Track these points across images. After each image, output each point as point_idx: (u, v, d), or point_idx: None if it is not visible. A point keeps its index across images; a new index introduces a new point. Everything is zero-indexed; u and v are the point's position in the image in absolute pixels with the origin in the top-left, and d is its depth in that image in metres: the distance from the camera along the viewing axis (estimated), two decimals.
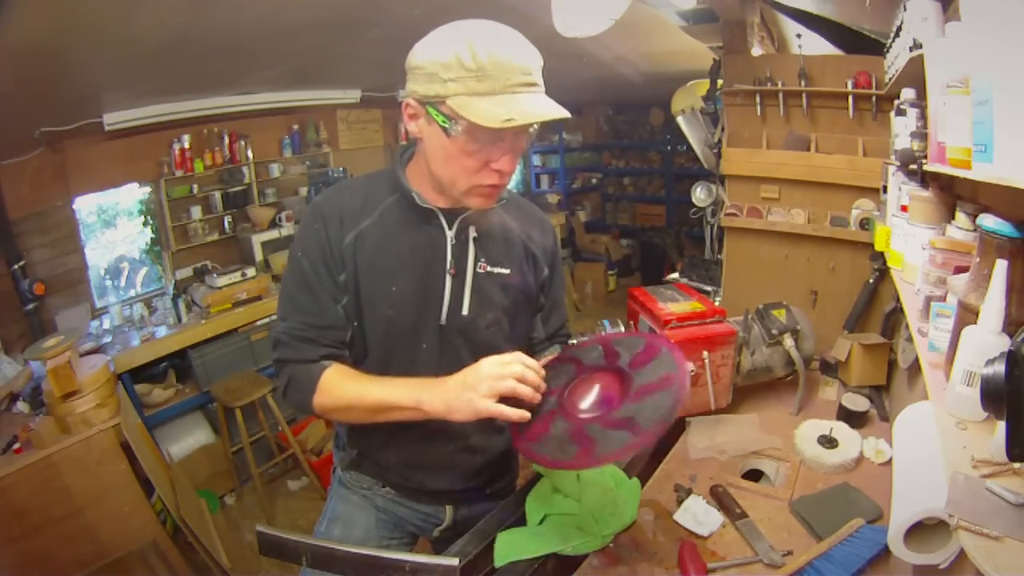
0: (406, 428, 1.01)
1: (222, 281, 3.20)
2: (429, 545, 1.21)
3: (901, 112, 1.25)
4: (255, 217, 3.66)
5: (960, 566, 0.71)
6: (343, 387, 0.91)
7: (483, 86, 0.79)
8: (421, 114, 0.86)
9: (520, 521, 1.03)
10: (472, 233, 0.97)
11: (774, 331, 1.47)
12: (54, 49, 1.86)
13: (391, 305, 0.94)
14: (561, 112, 0.82)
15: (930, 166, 0.95)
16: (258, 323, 3.24)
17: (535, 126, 0.85)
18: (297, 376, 0.93)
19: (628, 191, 6.67)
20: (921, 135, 1.10)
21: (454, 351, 0.97)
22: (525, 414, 0.81)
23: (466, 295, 0.96)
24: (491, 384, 0.80)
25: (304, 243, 0.94)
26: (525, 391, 0.81)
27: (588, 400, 0.86)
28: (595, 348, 0.87)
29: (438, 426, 1.01)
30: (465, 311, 0.96)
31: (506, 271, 1.00)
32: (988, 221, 0.71)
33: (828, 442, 1.27)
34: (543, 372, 0.85)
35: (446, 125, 0.82)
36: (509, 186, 1.05)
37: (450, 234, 0.95)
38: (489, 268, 0.98)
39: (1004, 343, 0.63)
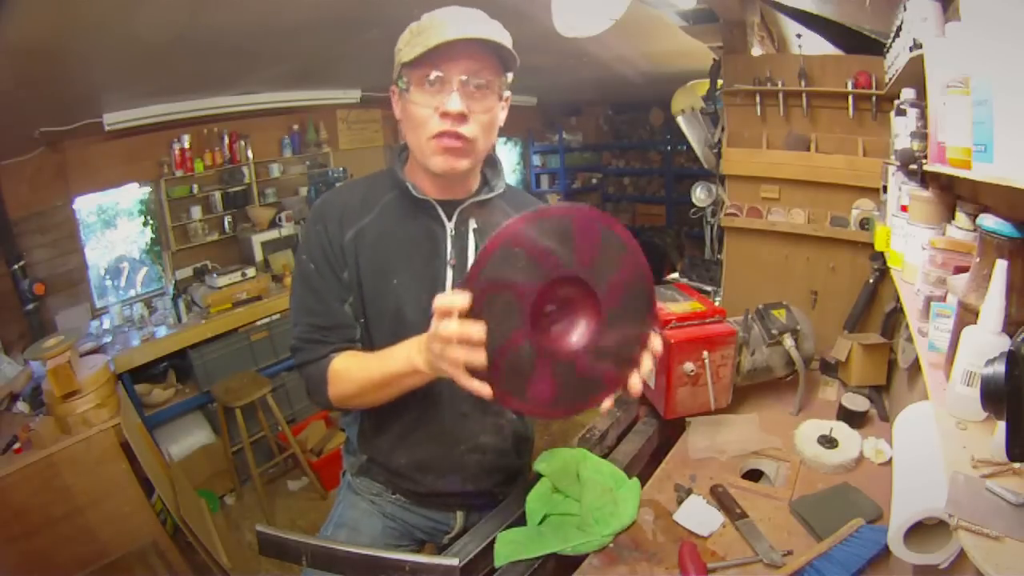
0: (415, 429, 1.02)
1: (222, 281, 3.20)
2: (435, 549, 1.21)
3: (901, 112, 1.25)
4: (255, 217, 3.66)
5: (960, 566, 0.71)
6: (350, 373, 0.91)
7: (418, 39, 0.83)
8: (396, 92, 0.91)
9: (520, 521, 1.03)
10: (472, 225, 0.96)
11: (774, 331, 1.47)
12: (54, 49, 1.86)
13: (394, 298, 0.95)
14: (488, 34, 0.81)
15: (930, 166, 0.94)
16: (258, 323, 3.24)
17: (490, 79, 0.86)
18: (310, 375, 0.95)
19: (628, 191, 6.66)
20: (921, 135, 1.10)
21: None
22: (485, 390, 0.68)
23: None
24: (438, 357, 0.70)
25: (307, 245, 0.96)
26: (471, 360, 0.66)
27: (572, 330, 0.73)
28: (516, 253, 0.66)
29: (447, 427, 1.01)
30: None
31: None
32: (988, 221, 0.71)
33: (828, 442, 1.27)
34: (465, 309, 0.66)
35: (402, 86, 0.87)
36: (512, 183, 1.05)
37: (449, 226, 0.95)
38: None
39: (1004, 343, 0.63)
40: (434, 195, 0.95)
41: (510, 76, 0.91)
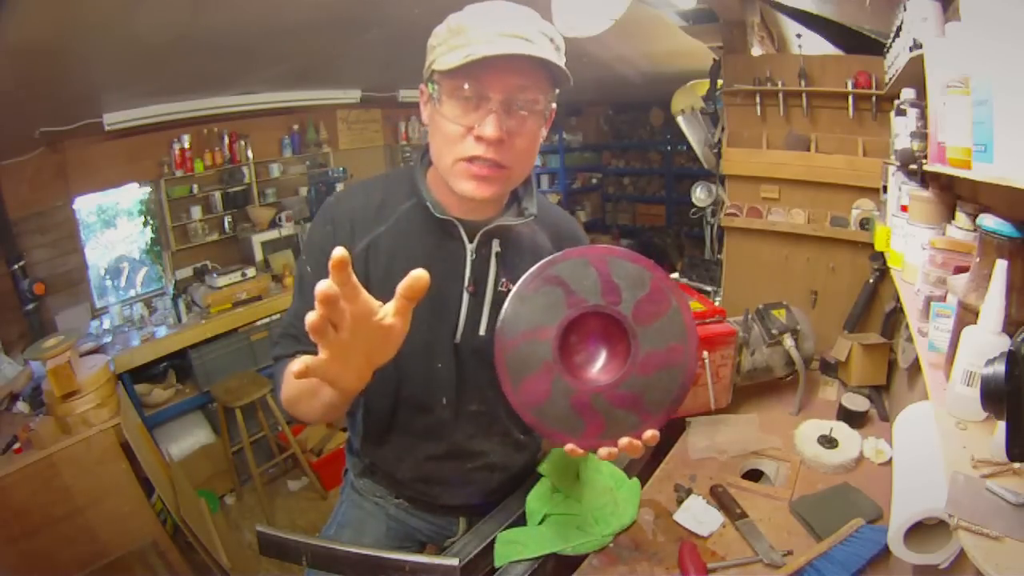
0: (421, 446, 0.98)
1: (222, 281, 3.21)
2: (436, 550, 1.20)
3: (901, 112, 1.25)
4: (255, 217, 3.66)
5: (960, 566, 0.71)
6: (287, 380, 0.78)
7: (457, 40, 0.73)
8: (426, 95, 0.81)
9: (520, 521, 1.03)
10: (495, 248, 0.88)
11: (774, 331, 1.47)
12: (54, 49, 1.86)
13: None
14: (541, 51, 0.71)
15: (930, 166, 0.94)
16: (258, 323, 3.25)
17: (537, 98, 0.76)
18: (276, 373, 0.88)
19: (628, 191, 6.66)
20: (921, 135, 1.10)
21: (470, 373, 0.91)
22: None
23: (484, 314, 0.88)
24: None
25: (310, 246, 0.91)
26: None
27: (592, 360, 0.73)
28: (587, 269, 0.69)
29: (457, 444, 0.98)
30: (482, 331, 0.88)
31: None
32: (988, 221, 0.71)
33: (828, 442, 1.27)
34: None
35: (433, 93, 0.77)
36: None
37: (470, 247, 0.87)
38: (511, 287, 0.89)
39: (1004, 343, 0.63)
40: (456, 212, 0.86)
41: (557, 90, 0.81)
